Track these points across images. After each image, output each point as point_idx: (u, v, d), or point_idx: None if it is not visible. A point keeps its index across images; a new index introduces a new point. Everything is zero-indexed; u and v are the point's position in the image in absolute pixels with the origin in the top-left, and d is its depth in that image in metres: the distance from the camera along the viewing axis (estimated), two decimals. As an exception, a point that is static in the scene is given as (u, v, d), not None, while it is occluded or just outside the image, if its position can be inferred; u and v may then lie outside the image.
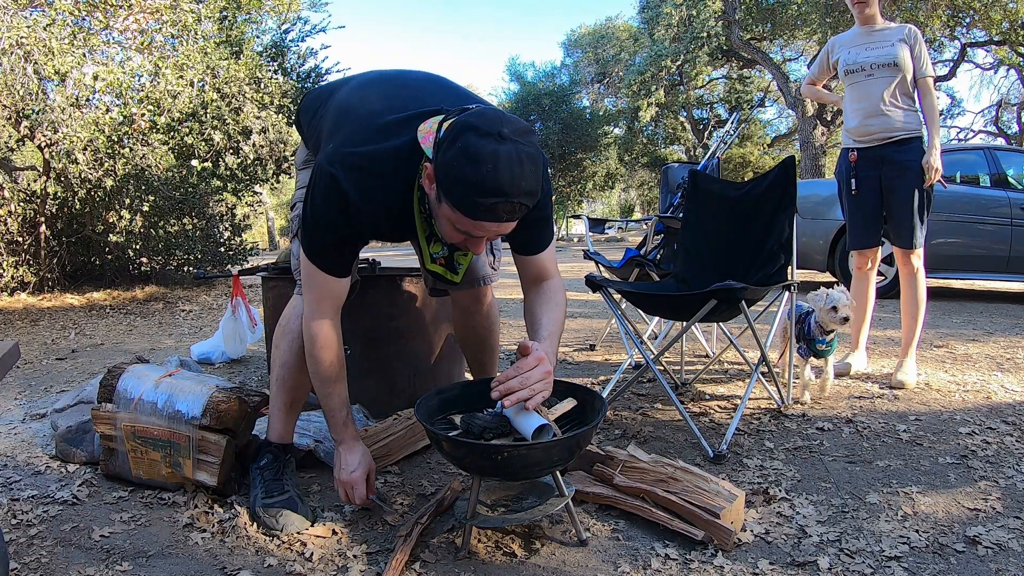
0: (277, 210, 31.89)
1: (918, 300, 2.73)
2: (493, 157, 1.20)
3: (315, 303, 1.54)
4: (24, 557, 1.45)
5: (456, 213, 1.27)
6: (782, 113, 25.11)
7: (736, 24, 15.47)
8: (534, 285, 1.70)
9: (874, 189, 2.73)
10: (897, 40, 2.66)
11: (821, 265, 5.88)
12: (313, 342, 1.54)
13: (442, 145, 1.26)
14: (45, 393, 2.87)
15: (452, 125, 1.27)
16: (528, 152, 1.25)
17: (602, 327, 3.96)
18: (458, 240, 1.38)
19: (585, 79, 26.86)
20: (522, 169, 1.23)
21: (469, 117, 1.26)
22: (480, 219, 1.27)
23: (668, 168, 4.41)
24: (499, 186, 1.21)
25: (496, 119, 1.26)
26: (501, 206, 1.24)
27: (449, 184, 1.25)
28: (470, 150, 1.21)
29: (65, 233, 6.16)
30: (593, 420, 1.47)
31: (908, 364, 2.72)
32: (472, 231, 1.31)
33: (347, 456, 1.63)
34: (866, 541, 1.52)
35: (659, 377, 2.21)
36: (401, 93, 1.54)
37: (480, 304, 1.93)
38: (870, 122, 2.69)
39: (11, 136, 5.77)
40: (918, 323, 2.76)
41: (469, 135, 1.22)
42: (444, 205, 1.29)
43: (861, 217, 2.78)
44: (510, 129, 1.24)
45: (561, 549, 1.51)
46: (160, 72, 5.74)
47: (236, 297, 3.41)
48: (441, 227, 1.39)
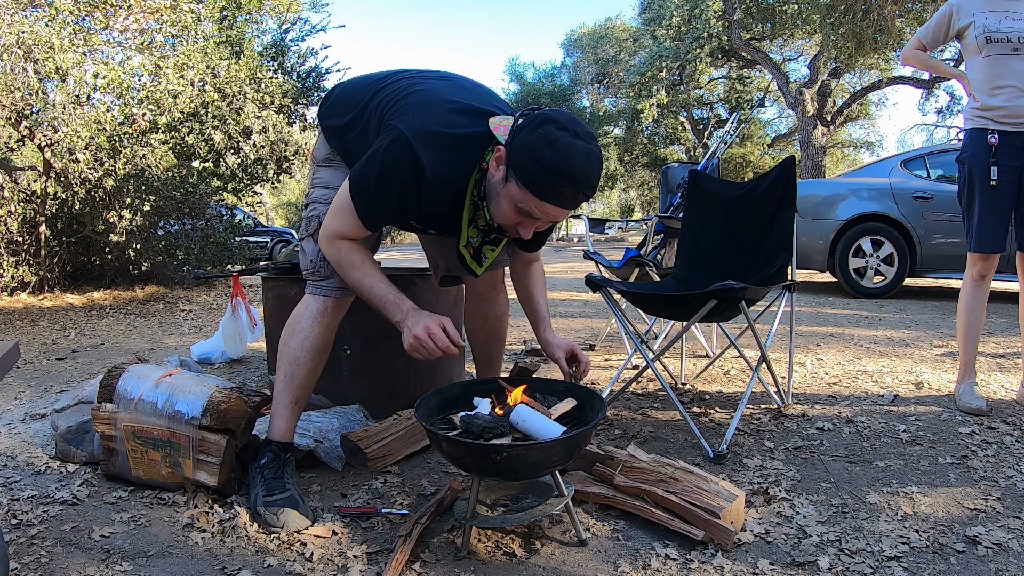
0: (277, 210, 31.90)
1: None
2: (570, 148, 1.36)
3: (332, 235, 1.60)
4: (24, 557, 1.45)
5: (523, 191, 1.40)
6: (782, 113, 25.13)
7: (736, 24, 15.46)
8: (527, 266, 1.93)
9: (1014, 182, 2.34)
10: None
11: (821, 265, 5.88)
12: (337, 253, 1.59)
13: (521, 131, 1.40)
14: (45, 393, 2.87)
15: (534, 116, 1.41)
16: (597, 153, 1.41)
17: (602, 327, 3.96)
18: (514, 222, 1.48)
19: (585, 79, 26.87)
20: (591, 165, 1.39)
21: (550, 112, 1.42)
22: (546, 199, 1.40)
23: (668, 168, 4.41)
24: (572, 173, 1.37)
25: (573, 119, 1.42)
26: (568, 191, 1.39)
27: (525, 163, 1.38)
28: (551, 138, 1.36)
29: (65, 233, 6.16)
30: (593, 420, 1.48)
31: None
32: (533, 210, 1.42)
33: (413, 317, 1.53)
34: (866, 541, 1.52)
35: (659, 377, 2.21)
36: (467, 88, 1.66)
37: (495, 292, 2.00)
38: (1021, 102, 2.31)
39: (11, 136, 5.77)
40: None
41: (550, 126, 1.37)
42: (512, 184, 1.42)
43: (997, 213, 2.35)
44: (582, 130, 1.40)
45: (561, 549, 1.51)
46: (161, 72, 5.74)
47: (236, 297, 3.41)
48: (500, 207, 1.48)
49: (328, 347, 1.78)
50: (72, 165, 5.47)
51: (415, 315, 1.54)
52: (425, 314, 1.55)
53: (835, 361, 3.18)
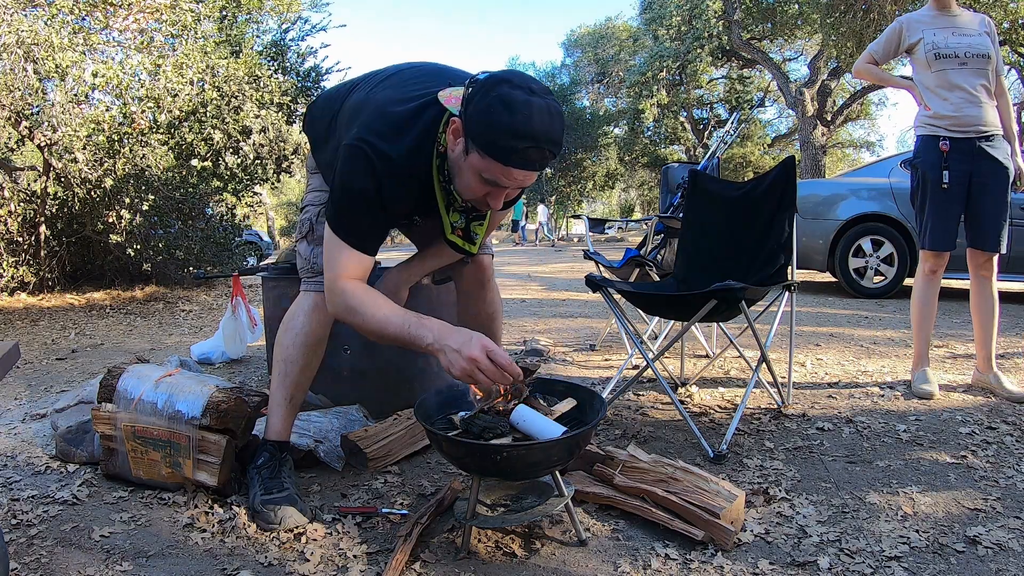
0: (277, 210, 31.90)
1: (995, 306, 2.62)
2: (527, 106, 1.29)
3: (339, 278, 1.49)
4: (24, 557, 1.45)
5: (487, 160, 1.33)
6: (782, 113, 25.15)
7: (736, 24, 15.47)
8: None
9: (964, 185, 2.51)
10: (983, 31, 2.54)
11: (821, 265, 5.88)
12: (343, 297, 1.47)
13: (474, 98, 1.32)
14: (45, 393, 2.87)
15: (484, 80, 1.33)
16: (555, 107, 1.34)
17: (602, 327, 3.96)
18: (481, 194, 1.41)
19: (585, 79, 26.88)
20: (551, 119, 1.32)
21: (501, 73, 1.35)
22: (511, 164, 1.32)
23: (668, 168, 4.41)
24: (532, 132, 1.29)
25: (527, 77, 1.35)
26: (532, 152, 1.31)
27: (483, 130, 1.31)
28: (506, 99, 1.28)
29: (65, 233, 6.16)
30: (593, 420, 1.48)
31: (1003, 375, 2.60)
32: (501, 178, 1.35)
33: (453, 336, 1.35)
34: (866, 541, 1.52)
35: (659, 377, 2.21)
36: (415, 80, 1.59)
37: (485, 290, 1.97)
38: (968, 111, 2.48)
39: (11, 136, 5.77)
40: (995, 329, 2.64)
41: (503, 86, 1.30)
42: (473, 155, 1.35)
43: (948, 214, 2.53)
44: (538, 86, 1.33)
45: (561, 549, 1.51)
46: (160, 70, 5.74)
47: (236, 297, 3.41)
48: (465, 181, 1.42)
49: (322, 343, 1.78)
50: (71, 165, 5.47)
51: (454, 334, 1.36)
52: (465, 331, 1.37)
53: (835, 361, 3.18)
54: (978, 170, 2.51)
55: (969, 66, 2.50)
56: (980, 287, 2.64)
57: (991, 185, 2.50)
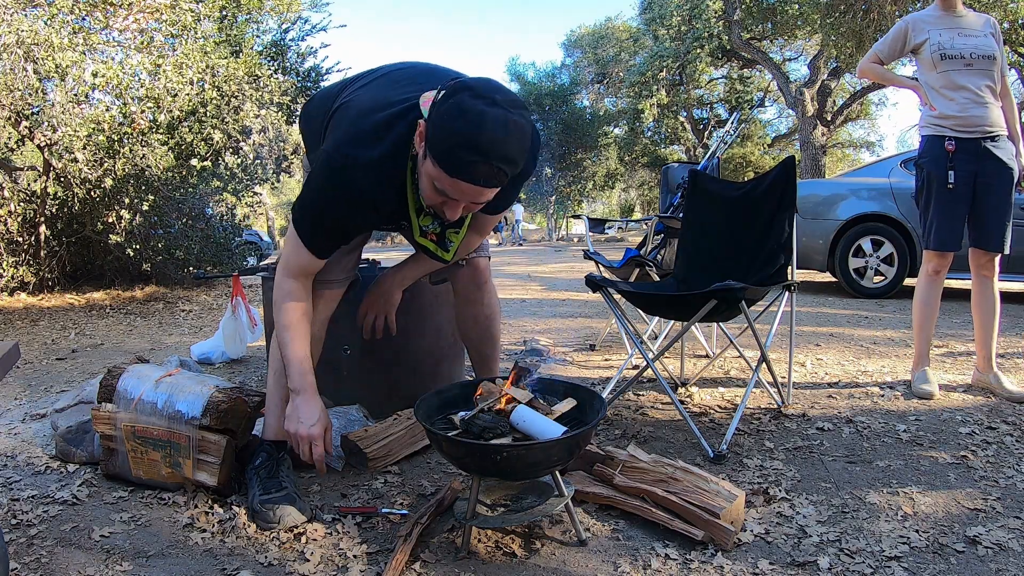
0: (277, 210, 31.90)
1: (996, 306, 2.61)
2: (480, 116, 1.23)
3: (289, 269, 1.61)
4: (24, 557, 1.45)
5: (437, 169, 1.29)
6: (782, 113, 25.13)
7: (736, 24, 15.46)
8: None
9: (969, 185, 2.51)
10: (988, 32, 2.54)
11: (821, 265, 5.88)
12: (281, 294, 1.60)
13: (438, 103, 1.29)
14: (45, 393, 2.87)
15: (451, 85, 1.29)
16: (516, 121, 1.26)
17: (602, 327, 3.96)
18: (436, 202, 1.38)
19: (585, 79, 26.86)
20: (506, 134, 1.25)
21: (468, 80, 1.31)
22: (457, 177, 1.27)
23: (668, 168, 4.41)
24: (479, 144, 1.23)
25: (493, 86, 1.29)
26: (479, 166, 1.25)
27: (435, 137, 1.27)
28: (462, 107, 1.24)
29: (65, 233, 6.16)
30: (593, 420, 1.48)
31: (1003, 375, 2.60)
32: (449, 189, 1.31)
33: (305, 408, 1.55)
34: (866, 541, 1.52)
35: (659, 377, 2.21)
36: (405, 81, 1.59)
37: (481, 292, 1.96)
38: (974, 111, 2.49)
39: (11, 136, 5.77)
40: (996, 329, 2.65)
41: (464, 94, 1.25)
42: (428, 161, 1.31)
43: (954, 214, 2.52)
44: (503, 97, 1.26)
45: (561, 549, 1.51)
46: (160, 70, 5.74)
47: (236, 297, 3.41)
48: (422, 186, 1.40)
49: (318, 342, 1.78)
50: (71, 165, 5.47)
51: (306, 405, 1.54)
52: (313, 411, 1.54)
53: (835, 361, 3.18)
54: (983, 170, 2.50)
55: (975, 67, 2.50)
56: (981, 287, 2.63)
57: (996, 185, 2.50)
